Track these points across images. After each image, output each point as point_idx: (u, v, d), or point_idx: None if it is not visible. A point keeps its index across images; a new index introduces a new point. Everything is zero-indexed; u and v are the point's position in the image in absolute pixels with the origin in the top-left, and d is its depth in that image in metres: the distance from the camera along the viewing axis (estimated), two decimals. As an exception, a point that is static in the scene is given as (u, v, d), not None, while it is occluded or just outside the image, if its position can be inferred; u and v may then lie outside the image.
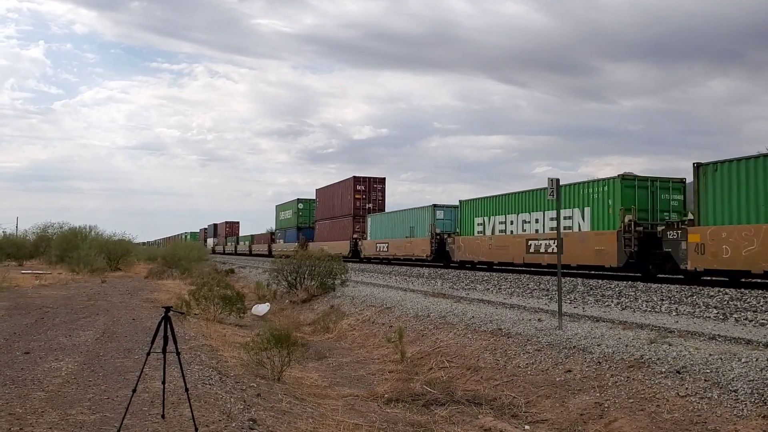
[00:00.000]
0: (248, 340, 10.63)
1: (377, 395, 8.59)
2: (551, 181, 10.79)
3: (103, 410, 5.87)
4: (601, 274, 22.08)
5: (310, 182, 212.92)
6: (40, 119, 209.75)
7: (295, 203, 59.34)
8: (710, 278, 18.04)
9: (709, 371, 6.92)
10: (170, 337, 5.41)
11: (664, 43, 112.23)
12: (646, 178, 20.95)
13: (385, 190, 47.51)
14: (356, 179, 46.75)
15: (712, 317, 10.59)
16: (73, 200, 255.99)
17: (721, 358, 7.22)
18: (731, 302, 12.46)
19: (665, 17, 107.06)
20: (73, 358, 8.36)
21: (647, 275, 19.71)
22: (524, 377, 8.55)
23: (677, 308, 11.81)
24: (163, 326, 5.38)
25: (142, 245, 74.27)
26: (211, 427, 5.53)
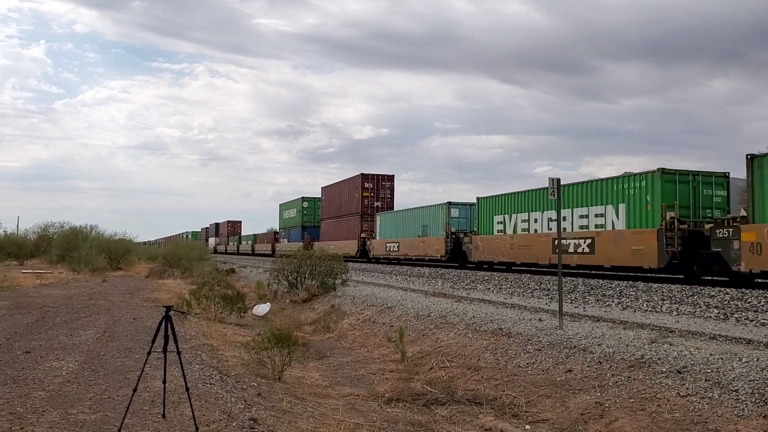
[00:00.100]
0: (249, 339, 10.64)
1: (378, 395, 8.59)
2: (552, 180, 10.79)
3: (103, 409, 5.88)
4: (638, 276, 20.44)
5: (310, 182, 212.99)
6: (41, 119, 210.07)
7: (299, 202, 57.97)
8: (762, 281, 16.77)
9: (709, 371, 6.91)
10: (171, 336, 5.42)
11: (664, 42, 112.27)
12: (687, 172, 19.48)
13: (393, 187, 45.99)
14: (364, 176, 45.11)
15: (712, 317, 10.59)
16: (73, 200, 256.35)
17: (721, 357, 7.22)
18: (732, 302, 12.45)
19: (666, 17, 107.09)
20: (73, 357, 8.36)
21: (691, 277, 18.24)
22: (525, 377, 8.55)
23: (678, 308, 11.81)
24: (163, 325, 5.39)
25: (142, 245, 74.16)
26: (211, 426, 5.53)
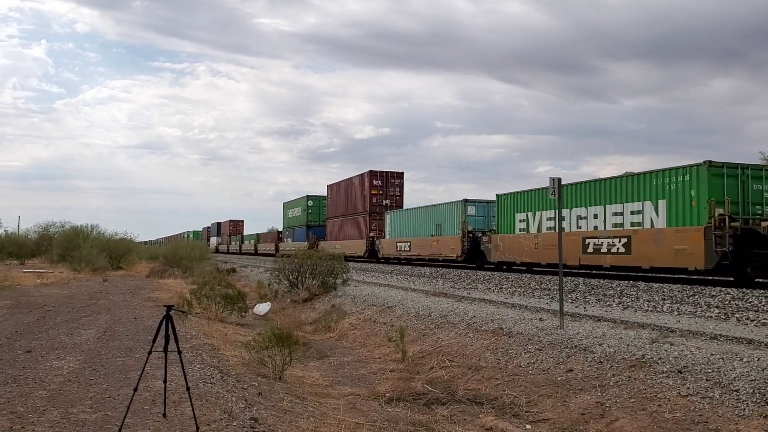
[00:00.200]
0: (249, 339, 10.64)
1: (378, 394, 8.59)
2: (553, 180, 10.79)
3: (104, 409, 5.88)
4: (682, 278, 19.11)
5: (311, 182, 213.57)
6: (42, 118, 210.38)
7: (304, 200, 56.52)
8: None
9: (710, 371, 6.90)
10: (171, 335, 5.42)
11: (665, 42, 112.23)
12: (735, 165, 17.97)
13: (403, 185, 44.19)
14: (372, 174, 43.45)
15: (713, 317, 10.58)
16: (74, 199, 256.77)
17: (722, 357, 7.21)
18: (733, 302, 12.44)
19: (667, 16, 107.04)
20: (74, 356, 8.37)
21: (743, 279, 16.87)
22: (525, 376, 8.54)
23: (679, 308, 11.79)
24: (164, 325, 5.39)
25: (143, 244, 74.14)
26: (212, 425, 5.53)
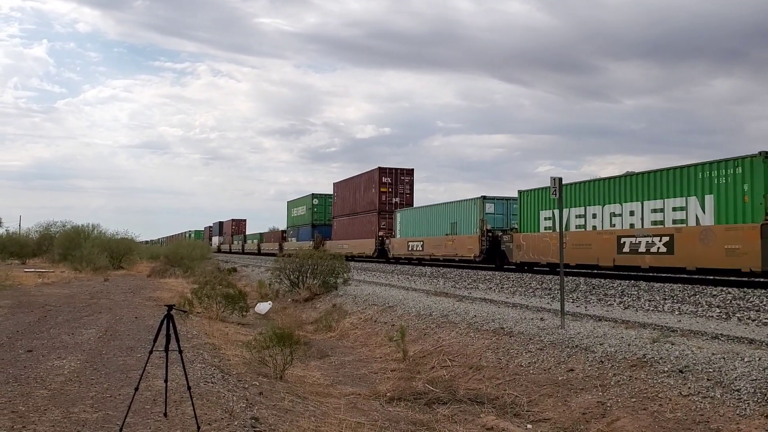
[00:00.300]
0: (250, 338, 10.64)
1: (379, 394, 8.59)
2: (554, 180, 10.78)
3: (105, 408, 5.88)
4: (732, 280, 17.91)
5: (312, 181, 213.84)
6: (43, 118, 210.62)
7: (309, 198, 55.13)
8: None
9: (711, 370, 6.90)
10: (173, 335, 5.42)
11: (666, 42, 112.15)
12: None
13: (413, 182, 42.55)
14: (381, 170, 41.96)
15: (714, 316, 10.57)
16: (76, 199, 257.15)
17: (723, 357, 7.20)
18: (734, 301, 12.43)
19: (667, 16, 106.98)
20: (75, 356, 8.37)
21: None
22: (526, 376, 8.54)
23: (680, 307, 11.79)
24: (165, 324, 5.39)
25: (144, 244, 74.10)
26: (213, 425, 5.53)
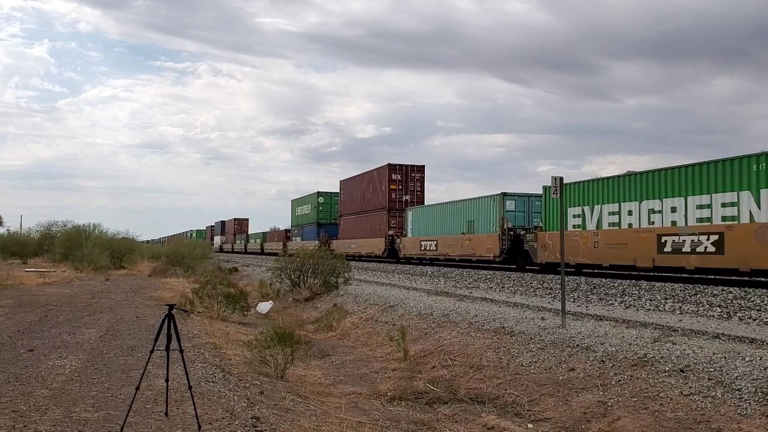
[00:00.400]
0: (251, 338, 10.64)
1: (380, 393, 8.59)
2: (554, 179, 10.78)
3: (106, 408, 5.89)
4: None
5: (313, 181, 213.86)
6: (44, 117, 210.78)
7: (314, 197, 53.84)
8: None
9: (712, 370, 6.90)
10: (174, 334, 5.42)
11: (668, 41, 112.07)
12: None
13: (424, 179, 41.11)
14: (391, 167, 40.54)
15: (715, 316, 10.57)
16: (77, 198, 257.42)
17: (724, 356, 7.20)
18: (735, 301, 12.43)
19: (669, 15, 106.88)
20: (76, 355, 8.38)
21: None
22: (527, 376, 8.54)
23: (681, 307, 11.78)
24: (166, 324, 5.39)
25: (145, 243, 74.06)
26: (214, 424, 5.54)
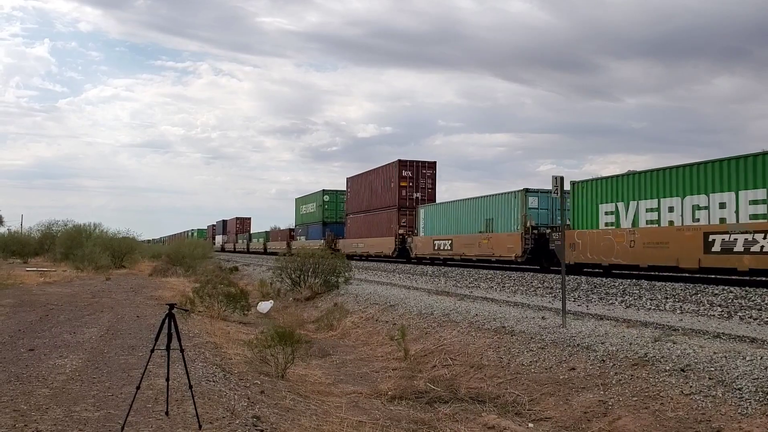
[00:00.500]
0: (252, 337, 10.64)
1: (381, 392, 8.59)
2: (555, 179, 10.77)
3: (107, 407, 5.89)
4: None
5: (313, 180, 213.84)
6: (44, 117, 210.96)
7: (319, 195, 52.32)
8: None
9: (713, 369, 6.90)
10: (174, 334, 5.42)
11: (668, 40, 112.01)
12: None
13: (435, 176, 39.71)
14: (402, 163, 39.00)
15: (716, 315, 10.56)
16: (77, 198, 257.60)
17: (725, 356, 7.20)
18: (735, 300, 12.41)
19: (670, 15, 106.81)
20: (77, 355, 8.38)
21: None
22: (528, 375, 8.54)
23: (681, 306, 11.77)
24: (167, 323, 5.39)
25: (146, 243, 74.03)
26: (214, 423, 5.54)
